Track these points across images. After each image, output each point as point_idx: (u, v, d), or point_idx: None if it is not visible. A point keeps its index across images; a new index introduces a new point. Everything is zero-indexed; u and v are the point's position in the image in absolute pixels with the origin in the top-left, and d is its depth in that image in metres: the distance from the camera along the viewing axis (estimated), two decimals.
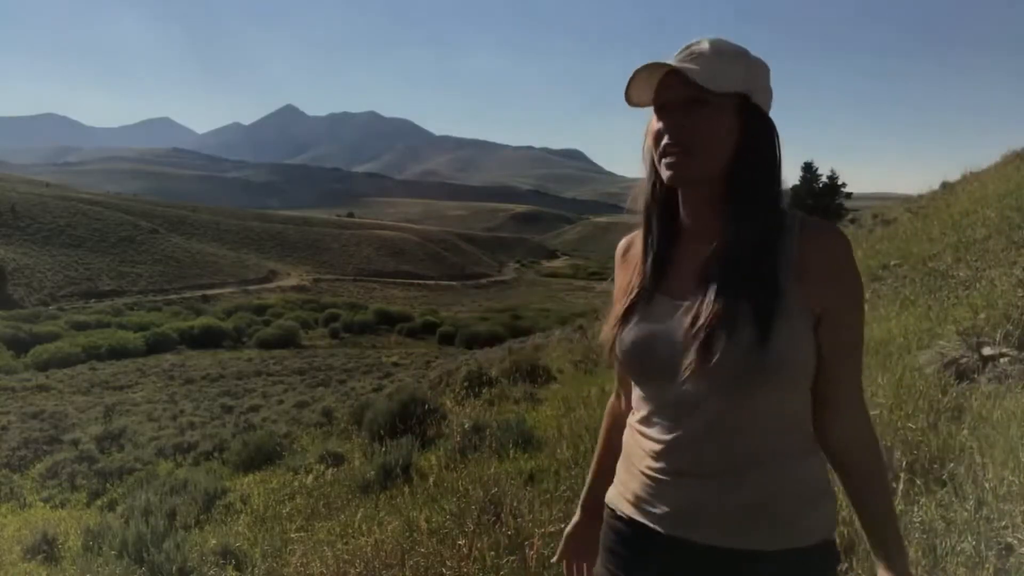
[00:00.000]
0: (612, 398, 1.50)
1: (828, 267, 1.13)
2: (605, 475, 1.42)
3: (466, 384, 8.78)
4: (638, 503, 1.22)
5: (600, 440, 1.51)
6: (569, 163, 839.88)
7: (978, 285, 5.39)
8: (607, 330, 1.28)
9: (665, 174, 1.17)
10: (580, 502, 1.52)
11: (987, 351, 3.70)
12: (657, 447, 1.19)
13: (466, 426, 5.57)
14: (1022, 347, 3.71)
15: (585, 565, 1.48)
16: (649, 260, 1.25)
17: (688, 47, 1.16)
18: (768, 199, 1.16)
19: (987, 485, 2.45)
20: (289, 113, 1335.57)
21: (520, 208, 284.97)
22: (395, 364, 30.59)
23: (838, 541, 1.22)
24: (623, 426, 1.38)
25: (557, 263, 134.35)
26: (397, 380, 19.43)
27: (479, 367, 10.08)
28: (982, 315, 4.26)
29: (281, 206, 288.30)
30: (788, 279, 1.12)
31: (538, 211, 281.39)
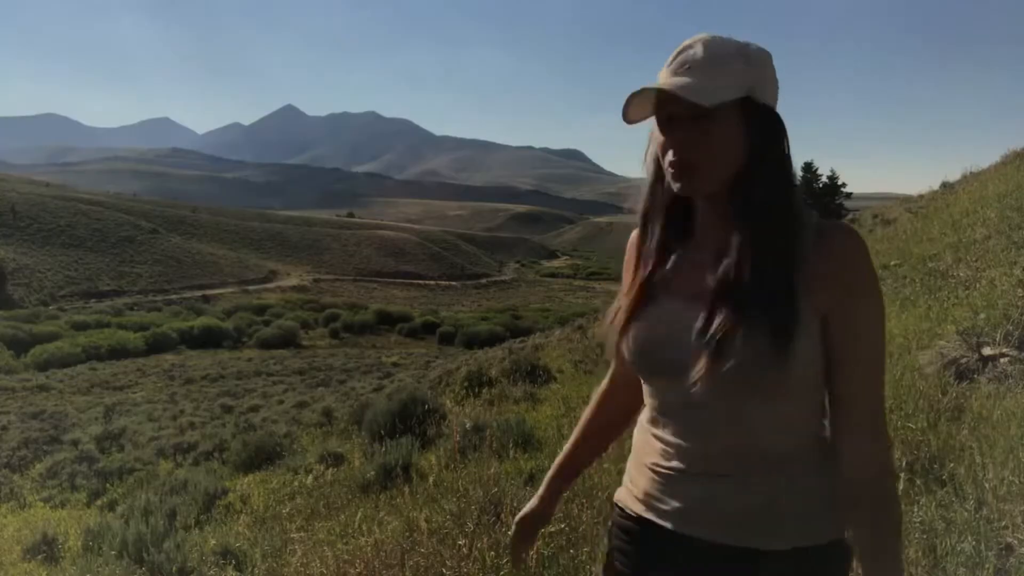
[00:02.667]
0: (604, 384, 1.49)
1: (839, 273, 1.09)
2: (572, 465, 1.52)
3: (466, 384, 8.79)
4: (648, 501, 1.22)
5: (579, 426, 1.51)
6: (569, 163, 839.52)
7: (978, 285, 5.39)
8: (611, 326, 1.27)
9: (675, 186, 1.15)
10: (540, 491, 1.53)
11: (987, 351, 3.70)
12: (665, 446, 1.19)
13: (466, 426, 5.57)
14: (1022, 347, 3.71)
15: (527, 547, 1.56)
16: (651, 261, 1.23)
17: (681, 52, 1.13)
18: (782, 198, 1.13)
19: (987, 485, 2.45)
20: (289, 113, 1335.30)
21: (520, 208, 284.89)
22: (395, 364, 30.59)
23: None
24: (608, 413, 1.46)
25: (557, 263, 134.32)
26: (397, 380, 19.42)
27: (479, 367, 10.08)
28: (982, 315, 4.26)
29: (281, 206, 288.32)
30: (801, 285, 1.09)
31: (538, 211, 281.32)
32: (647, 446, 1.24)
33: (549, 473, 1.53)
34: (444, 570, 3.00)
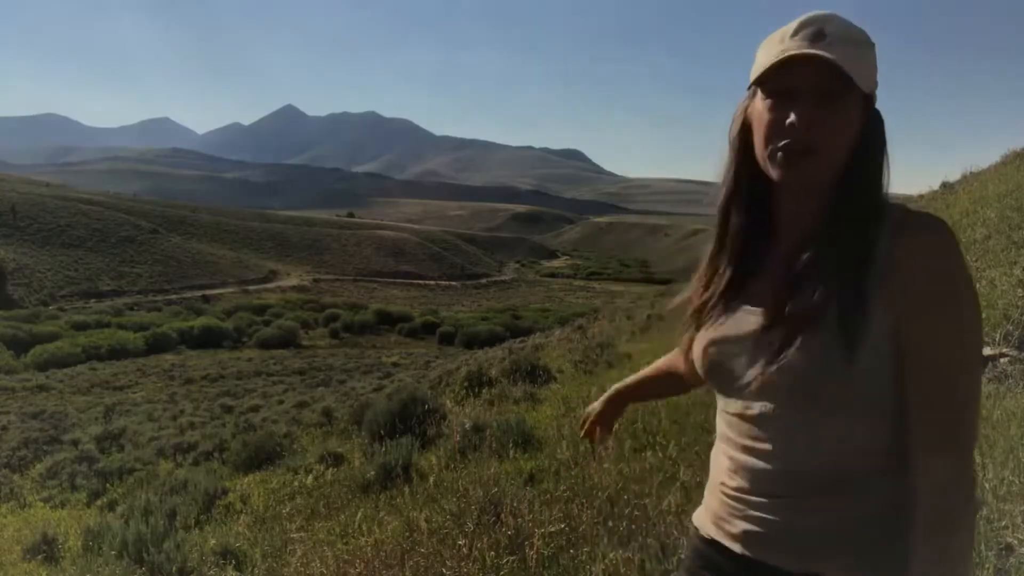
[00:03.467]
0: (677, 353, 1.44)
1: (916, 274, 0.99)
2: (641, 388, 1.56)
3: (466, 384, 8.78)
4: (717, 522, 1.18)
5: (651, 367, 1.53)
6: (569, 163, 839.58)
7: (978, 285, 5.38)
8: (686, 321, 1.21)
9: (778, 173, 1.04)
10: (608, 395, 1.59)
11: (987, 351, 3.70)
12: (730, 464, 1.15)
13: (466, 426, 5.57)
14: (1022, 347, 3.71)
15: (598, 429, 1.61)
16: (729, 264, 1.14)
17: (813, 23, 1.02)
18: (876, 204, 1.05)
19: (987, 485, 2.45)
20: (289, 113, 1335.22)
21: (520, 208, 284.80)
22: (395, 364, 30.60)
23: None
24: (674, 371, 1.44)
25: (557, 263, 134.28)
26: (397, 380, 19.42)
27: (479, 367, 10.08)
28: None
29: (281, 206, 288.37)
30: (875, 287, 1.00)
31: (538, 211, 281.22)
32: (717, 465, 1.20)
33: (615, 386, 1.60)
34: (444, 570, 3.00)
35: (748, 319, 1.10)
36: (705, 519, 1.23)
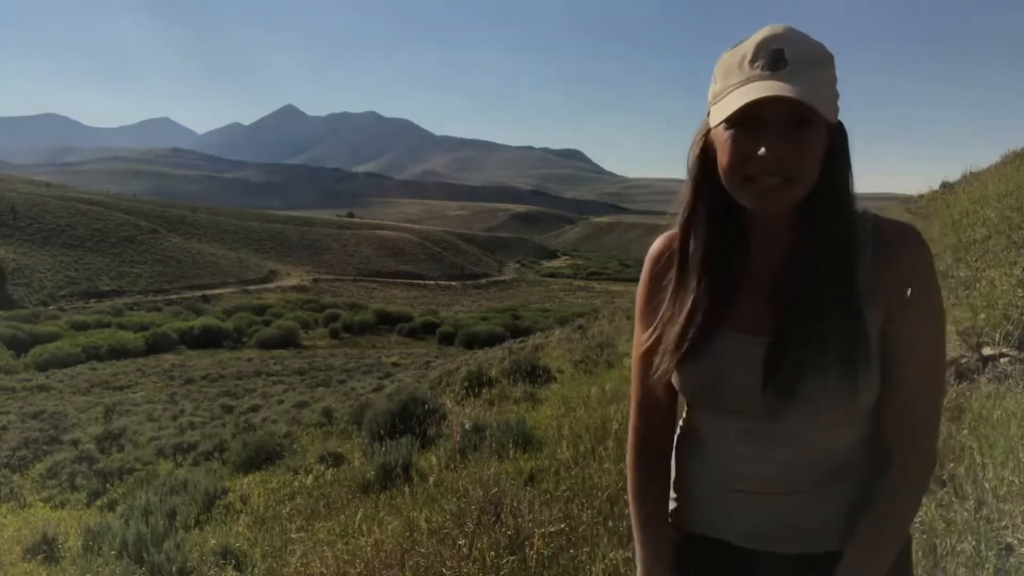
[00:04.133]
0: (636, 438, 1.27)
1: (900, 285, 1.03)
2: (663, 534, 1.25)
3: (466, 384, 8.78)
4: (711, 519, 1.19)
5: (640, 500, 1.26)
6: (569, 163, 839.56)
7: (978, 285, 5.38)
8: (662, 363, 1.14)
9: (751, 202, 1.03)
10: (652, 552, 1.25)
11: (987, 351, 3.70)
12: (730, 469, 1.15)
13: (466, 426, 5.57)
14: (1022, 347, 3.71)
15: None
16: (705, 286, 1.11)
17: (770, 43, 1.00)
18: (848, 219, 1.05)
19: (987, 485, 2.45)
20: (289, 113, 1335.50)
21: (520, 208, 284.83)
22: (395, 364, 30.59)
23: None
24: (662, 467, 1.26)
25: (557, 263, 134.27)
26: (397, 380, 19.42)
27: (479, 367, 10.08)
28: (982, 315, 4.26)
29: (281, 206, 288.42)
30: (864, 301, 1.04)
31: (538, 211, 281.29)
32: (704, 470, 1.19)
33: (645, 537, 1.27)
34: (444, 570, 3.00)
35: (745, 346, 1.09)
36: (688, 516, 1.23)
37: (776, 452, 1.10)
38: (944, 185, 14.17)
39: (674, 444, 1.28)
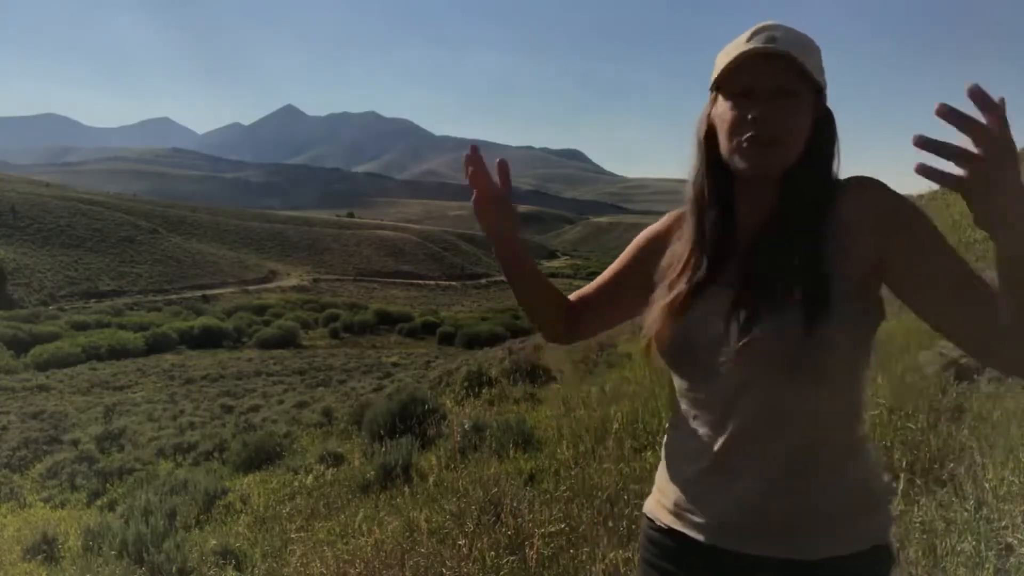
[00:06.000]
0: (573, 297, 1.43)
1: (883, 216, 1.07)
2: (526, 265, 1.34)
3: (466, 384, 8.79)
4: (678, 512, 1.17)
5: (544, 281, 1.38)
6: (569, 163, 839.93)
7: None
8: (651, 325, 1.20)
9: (744, 163, 1.10)
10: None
11: None
12: (701, 446, 1.14)
13: (466, 426, 5.57)
14: None
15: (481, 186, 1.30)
16: (705, 253, 1.18)
17: (763, 31, 1.11)
18: (826, 194, 1.12)
19: (987, 485, 2.45)
20: (289, 113, 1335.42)
21: (520, 208, 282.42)
22: (395, 364, 30.56)
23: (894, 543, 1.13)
24: (569, 306, 1.40)
25: (557, 263, 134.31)
26: (397, 380, 19.42)
27: (479, 367, 10.08)
28: None
29: (281, 206, 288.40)
30: (838, 251, 1.07)
31: (538, 211, 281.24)
32: (679, 451, 1.20)
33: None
34: (444, 570, 3.00)
35: (718, 301, 1.14)
36: (660, 509, 1.22)
37: (735, 419, 1.09)
38: None
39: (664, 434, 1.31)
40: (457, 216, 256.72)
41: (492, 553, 3.00)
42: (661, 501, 1.22)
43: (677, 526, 1.17)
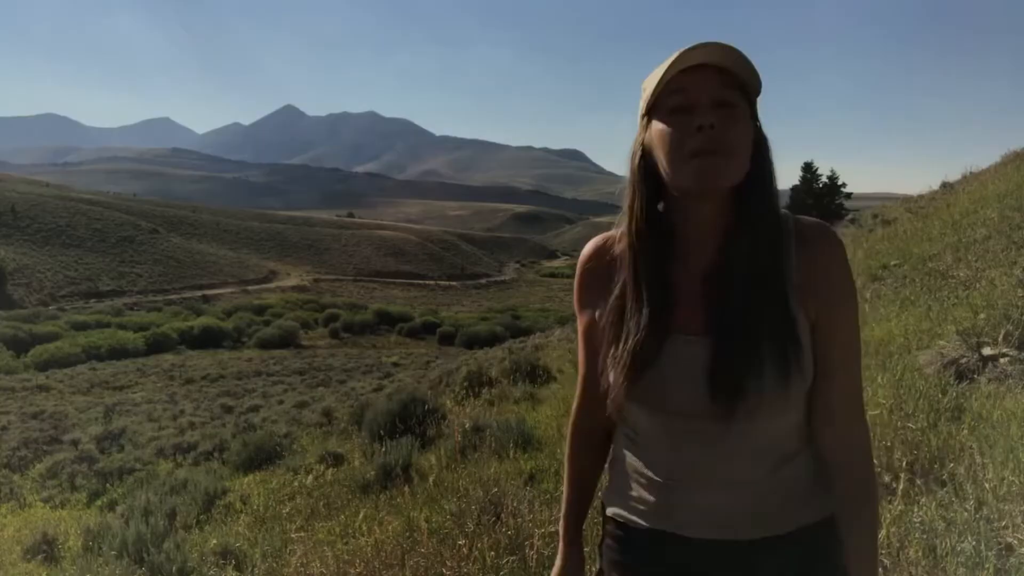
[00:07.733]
0: (575, 413, 1.36)
1: (826, 282, 1.11)
2: (585, 500, 1.41)
3: (466, 384, 8.79)
4: (653, 510, 1.18)
5: (571, 466, 1.40)
6: (569, 163, 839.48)
7: (978, 285, 5.39)
8: (612, 380, 1.14)
9: (691, 180, 1.05)
10: (565, 537, 1.40)
11: (987, 351, 3.70)
12: (672, 467, 1.15)
13: (466, 426, 5.57)
14: (1022, 347, 3.71)
15: None
16: (650, 293, 1.12)
17: (696, 48, 1.07)
18: (774, 212, 1.11)
19: (987, 485, 2.45)
20: (289, 113, 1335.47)
21: (520, 208, 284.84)
22: (395, 364, 30.55)
23: None
24: (594, 444, 1.35)
25: (557, 263, 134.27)
26: (397, 380, 19.41)
27: (479, 367, 10.08)
28: (982, 315, 4.26)
29: (281, 206, 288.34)
30: (793, 295, 1.10)
31: (538, 211, 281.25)
32: (645, 459, 1.19)
33: (562, 524, 1.43)
34: (444, 570, 3.00)
35: (686, 348, 1.11)
36: (629, 509, 1.21)
37: (719, 447, 1.11)
38: (944, 185, 14.18)
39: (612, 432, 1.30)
40: (457, 216, 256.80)
41: (492, 553, 3.00)
42: (628, 502, 1.22)
43: (652, 524, 1.18)
